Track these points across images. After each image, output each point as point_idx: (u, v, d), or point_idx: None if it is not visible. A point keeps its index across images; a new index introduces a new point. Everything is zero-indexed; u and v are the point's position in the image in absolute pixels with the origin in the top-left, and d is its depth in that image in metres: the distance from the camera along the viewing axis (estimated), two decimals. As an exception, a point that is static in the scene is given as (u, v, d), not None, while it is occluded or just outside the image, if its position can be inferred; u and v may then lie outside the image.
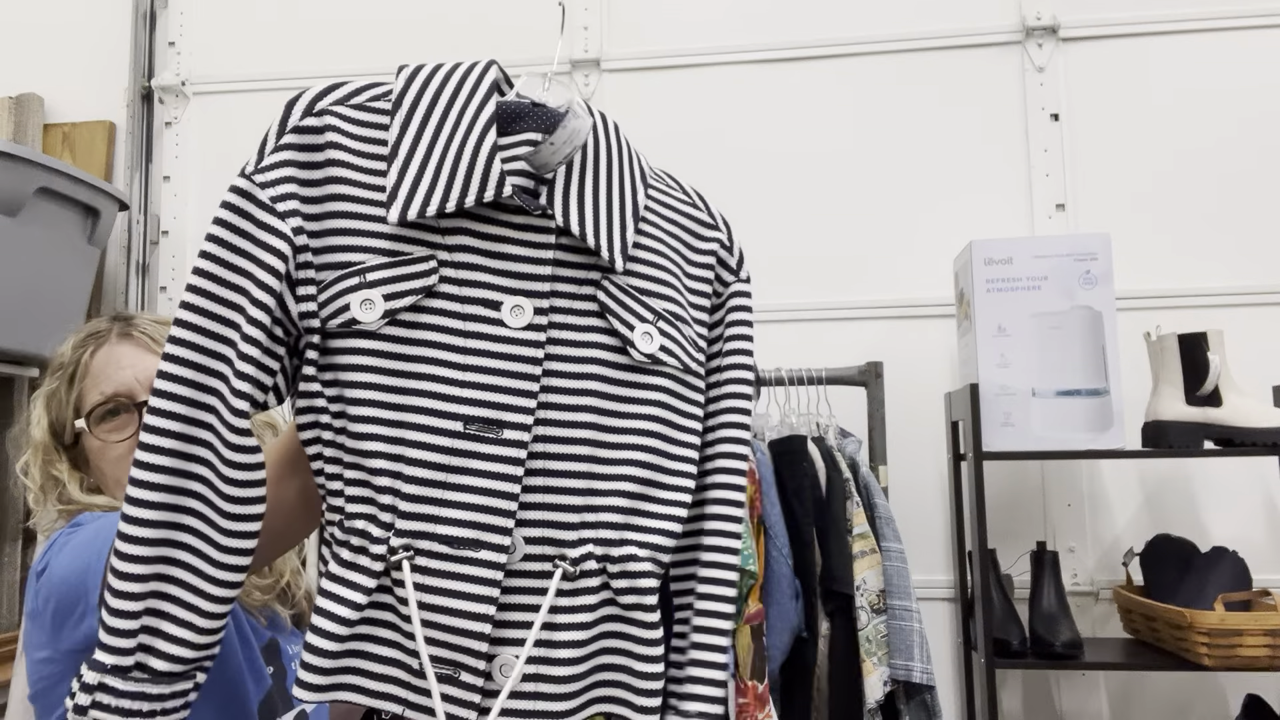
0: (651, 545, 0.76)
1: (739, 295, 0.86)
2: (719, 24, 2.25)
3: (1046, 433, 1.71)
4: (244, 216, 0.71)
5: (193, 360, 0.69)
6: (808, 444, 1.73)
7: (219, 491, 0.69)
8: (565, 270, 0.75)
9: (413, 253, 0.72)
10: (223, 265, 0.70)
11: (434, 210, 0.70)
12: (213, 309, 0.70)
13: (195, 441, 0.69)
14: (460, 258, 0.73)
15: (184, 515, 0.69)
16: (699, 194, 0.87)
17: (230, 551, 0.70)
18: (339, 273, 0.71)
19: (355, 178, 0.73)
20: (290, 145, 0.72)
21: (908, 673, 1.61)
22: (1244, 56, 2.07)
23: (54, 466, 1.05)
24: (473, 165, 0.71)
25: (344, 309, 0.71)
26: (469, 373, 0.71)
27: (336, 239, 0.72)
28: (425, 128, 0.73)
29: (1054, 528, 2.01)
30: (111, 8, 2.44)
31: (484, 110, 0.74)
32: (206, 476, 0.69)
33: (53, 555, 0.90)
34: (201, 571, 0.69)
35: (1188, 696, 1.94)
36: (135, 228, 2.34)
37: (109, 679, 0.67)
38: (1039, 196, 2.09)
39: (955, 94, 2.15)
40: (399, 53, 2.33)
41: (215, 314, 0.70)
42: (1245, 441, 1.68)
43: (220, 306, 0.70)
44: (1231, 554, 1.74)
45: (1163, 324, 1.84)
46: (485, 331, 0.72)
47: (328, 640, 0.69)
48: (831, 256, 2.14)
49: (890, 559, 1.67)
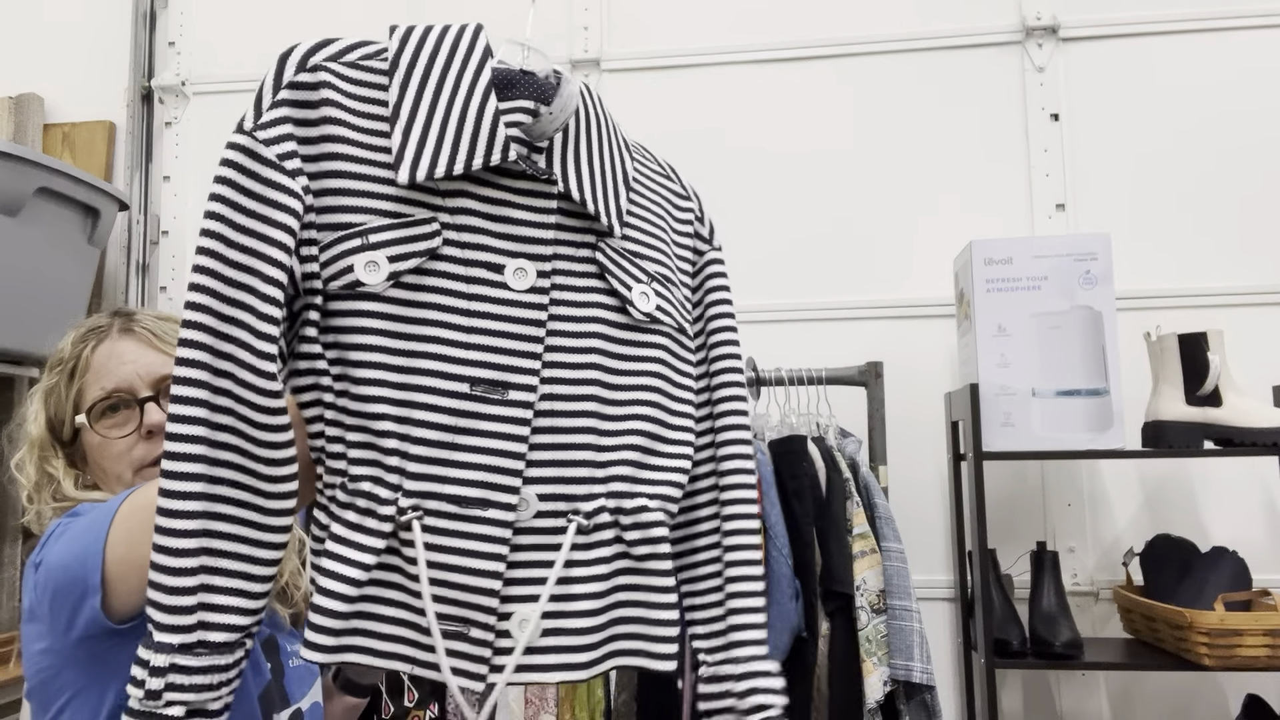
0: (661, 496, 0.79)
1: (716, 263, 0.90)
2: (719, 24, 2.25)
3: (1046, 433, 1.71)
4: (250, 176, 0.69)
5: (212, 327, 0.68)
6: (808, 444, 1.72)
7: (256, 457, 0.69)
8: (565, 234, 0.77)
9: (415, 214, 0.72)
10: (233, 227, 0.68)
11: (441, 172, 0.71)
12: (228, 273, 0.68)
13: (224, 411, 0.68)
14: (462, 220, 0.73)
15: (223, 487, 0.68)
16: (671, 166, 0.92)
17: (274, 514, 0.70)
18: (340, 233, 0.71)
19: (353, 137, 0.72)
20: (287, 101, 0.71)
21: (908, 673, 1.61)
22: (1244, 56, 2.07)
23: (50, 463, 1.04)
24: (477, 129, 0.72)
25: (347, 270, 0.70)
26: (473, 335, 0.72)
27: (336, 199, 0.71)
28: (425, 89, 0.73)
29: (1054, 528, 2.01)
30: (111, 8, 2.44)
31: (481, 75, 0.74)
32: (241, 446, 0.69)
33: (49, 545, 0.90)
34: (248, 538, 0.69)
35: (1188, 696, 1.94)
36: (135, 228, 2.34)
37: (179, 658, 0.65)
38: (1039, 196, 2.09)
39: (955, 94, 2.15)
40: (399, 53, 2.33)
41: (231, 278, 0.68)
42: (1245, 441, 1.68)
43: (235, 271, 0.68)
44: (1231, 554, 1.74)
45: (1163, 324, 1.84)
46: (489, 294, 0.73)
47: (336, 601, 0.69)
48: (831, 256, 2.14)
49: (890, 559, 1.67)
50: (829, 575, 1.66)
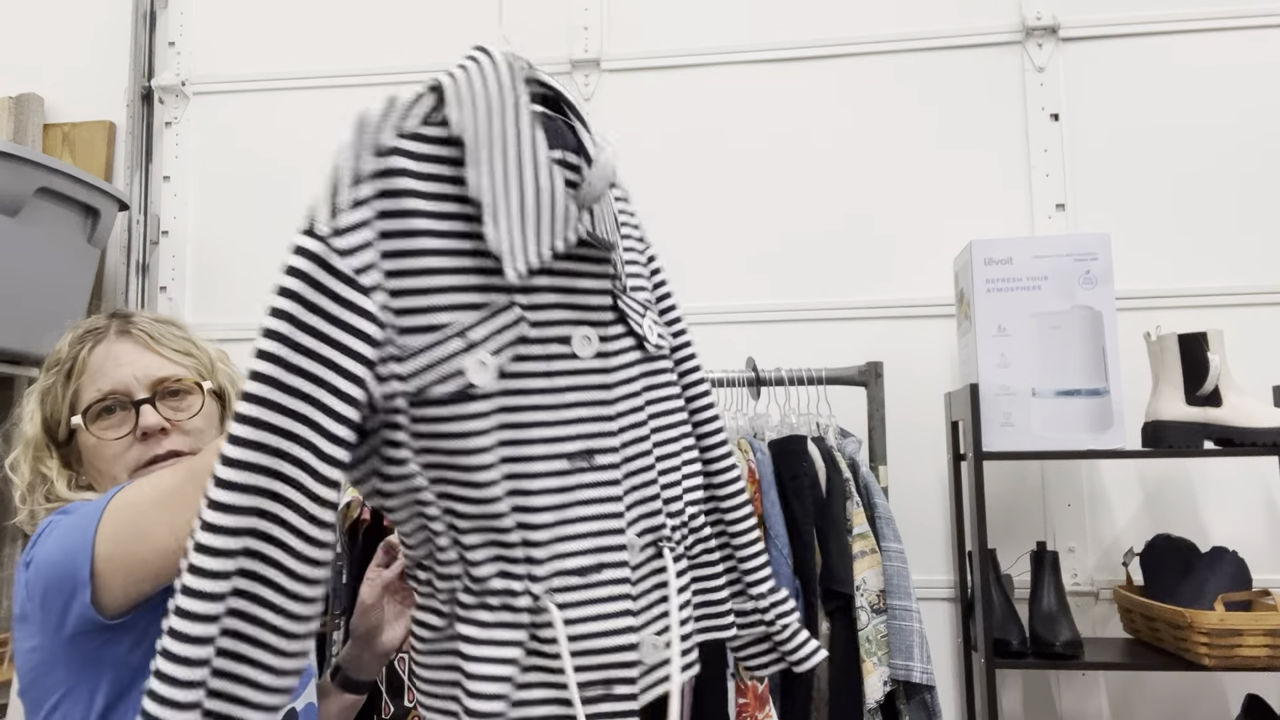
0: (695, 500, 0.88)
1: (657, 262, 0.93)
2: (719, 24, 2.25)
3: (1046, 433, 1.71)
4: (320, 290, 0.63)
5: (261, 464, 0.62)
6: (808, 444, 1.72)
7: (293, 573, 0.65)
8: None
9: (498, 302, 0.70)
10: (296, 350, 0.62)
11: (539, 261, 0.69)
12: (285, 402, 0.62)
13: (261, 537, 0.63)
14: (534, 298, 0.72)
15: (248, 605, 0.64)
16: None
17: (296, 640, 0.66)
18: (433, 337, 0.66)
19: (433, 227, 0.67)
20: (368, 200, 0.65)
21: (908, 673, 1.61)
22: (1244, 56, 2.07)
23: (44, 463, 1.04)
24: (553, 207, 0.70)
25: (455, 374, 0.66)
26: (561, 410, 0.73)
27: (423, 299, 0.67)
28: (497, 166, 0.68)
29: (1054, 528, 2.01)
30: (111, 8, 2.44)
31: (538, 137, 0.70)
32: (279, 560, 0.64)
33: (39, 543, 0.90)
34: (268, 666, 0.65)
35: (1188, 696, 1.94)
36: (135, 228, 2.34)
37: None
38: (1039, 196, 2.09)
39: (955, 94, 2.15)
40: (399, 53, 2.33)
41: (288, 408, 0.62)
42: (1245, 441, 1.68)
43: (294, 400, 0.62)
44: (1231, 554, 1.74)
45: (1163, 324, 1.84)
46: (564, 368, 0.73)
47: (498, 703, 0.68)
48: (831, 256, 2.14)
49: (890, 559, 1.67)
50: (829, 575, 1.66)
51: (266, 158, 2.35)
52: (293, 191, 2.32)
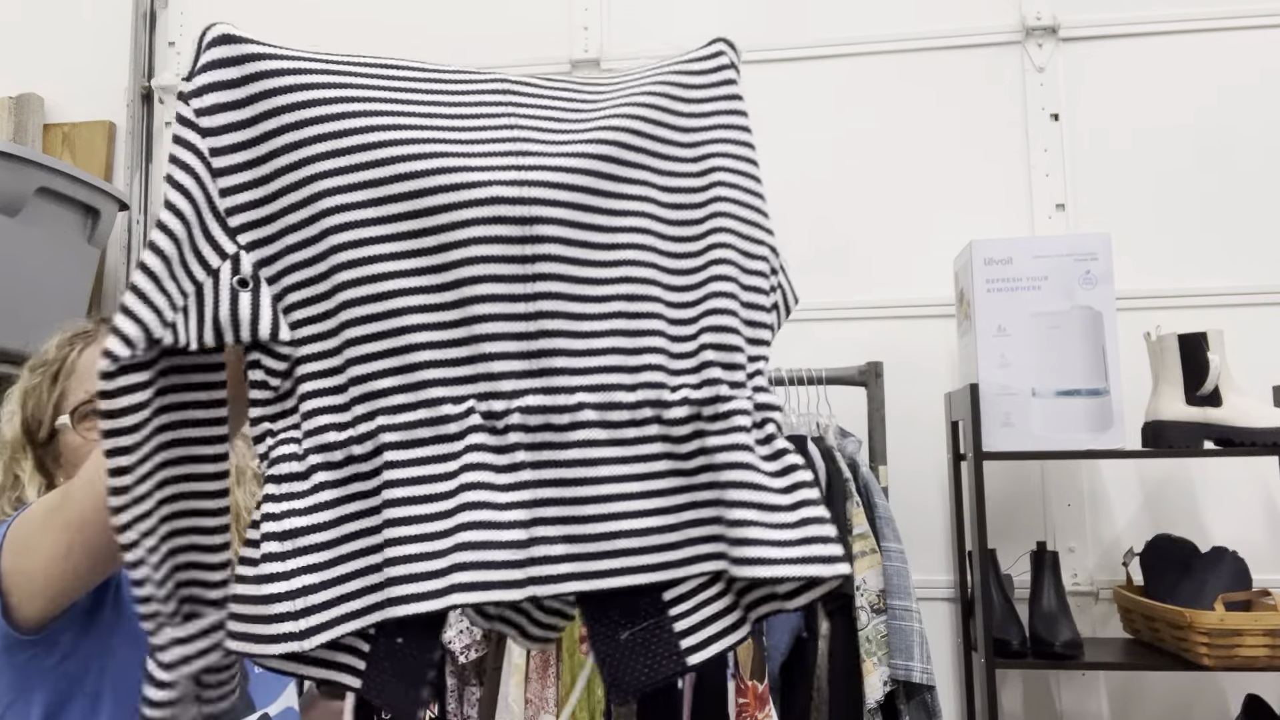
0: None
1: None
2: (718, 24, 2.25)
3: (1046, 433, 1.71)
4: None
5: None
6: (808, 444, 1.72)
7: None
8: None
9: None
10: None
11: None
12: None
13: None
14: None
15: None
16: None
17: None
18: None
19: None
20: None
21: (908, 673, 1.61)
22: (1244, 56, 2.07)
23: (19, 465, 1.03)
24: None
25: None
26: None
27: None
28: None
29: (1054, 528, 2.01)
30: (111, 8, 2.44)
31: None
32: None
33: None
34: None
35: (1188, 696, 1.94)
36: (135, 228, 2.34)
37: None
38: (1039, 196, 2.09)
39: (955, 94, 2.15)
40: (400, 53, 2.33)
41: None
42: (1245, 441, 1.67)
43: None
44: (1231, 554, 1.74)
45: (1163, 324, 1.84)
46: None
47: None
48: (831, 256, 2.14)
49: (890, 559, 1.67)
50: (829, 575, 1.66)
51: (266, 158, 2.34)
52: (293, 191, 2.31)
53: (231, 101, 0.62)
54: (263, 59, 0.62)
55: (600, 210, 0.65)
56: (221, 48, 0.61)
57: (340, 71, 0.63)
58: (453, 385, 0.61)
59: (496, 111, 0.66)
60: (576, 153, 0.64)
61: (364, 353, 0.61)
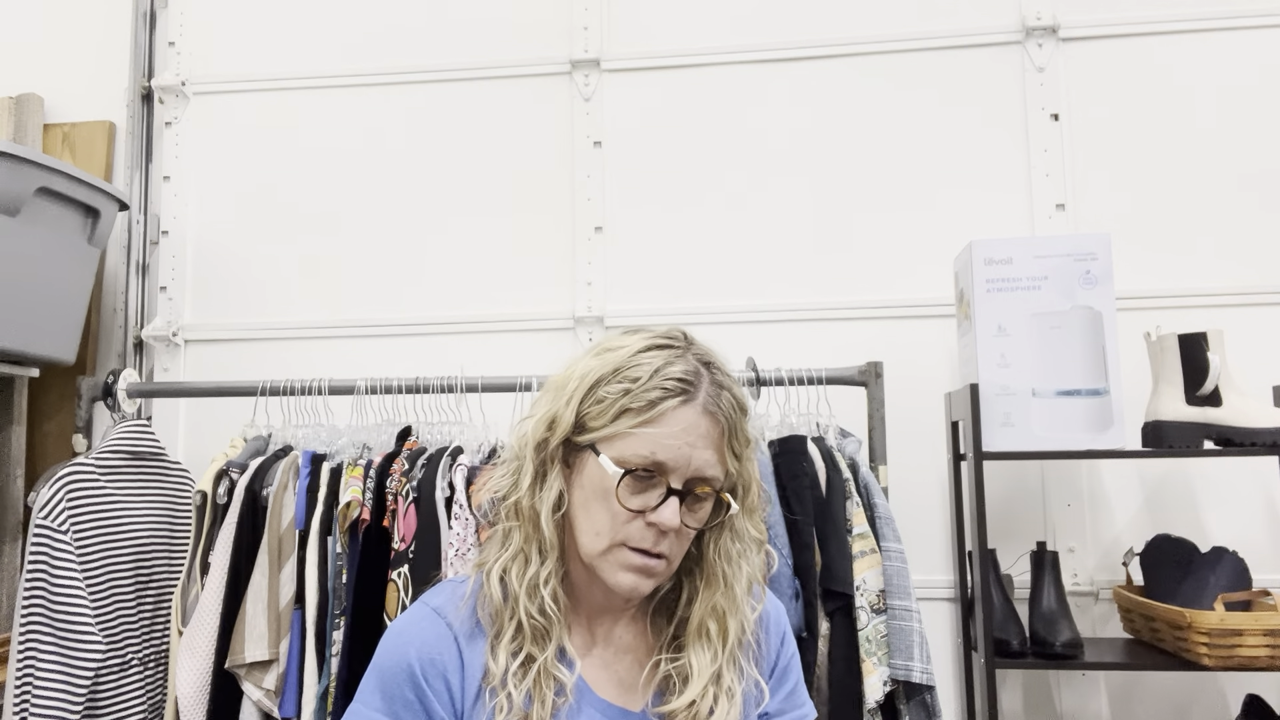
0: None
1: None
2: (719, 23, 2.25)
3: (1046, 433, 1.71)
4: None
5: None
6: (807, 444, 1.72)
7: None
8: None
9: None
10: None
11: None
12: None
13: None
14: None
15: None
16: None
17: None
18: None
19: None
20: None
21: (908, 673, 1.60)
22: (1244, 56, 2.07)
23: (545, 449, 0.97)
24: None
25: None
26: None
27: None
28: None
29: (1054, 528, 2.01)
30: (111, 8, 2.44)
31: None
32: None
33: None
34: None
35: (1188, 696, 1.94)
36: (135, 228, 2.34)
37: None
38: (1039, 196, 2.09)
39: (955, 94, 2.15)
40: (400, 53, 2.33)
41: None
42: (1245, 441, 1.67)
43: None
44: (1231, 554, 1.74)
45: (1163, 324, 1.84)
46: None
47: None
48: (832, 256, 2.14)
49: (890, 559, 1.67)
50: (829, 575, 1.66)
51: (266, 157, 2.35)
52: (293, 191, 2.32)
53: None
54: None
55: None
56: None
57: None
58: None
59: None
60: None
61: None
